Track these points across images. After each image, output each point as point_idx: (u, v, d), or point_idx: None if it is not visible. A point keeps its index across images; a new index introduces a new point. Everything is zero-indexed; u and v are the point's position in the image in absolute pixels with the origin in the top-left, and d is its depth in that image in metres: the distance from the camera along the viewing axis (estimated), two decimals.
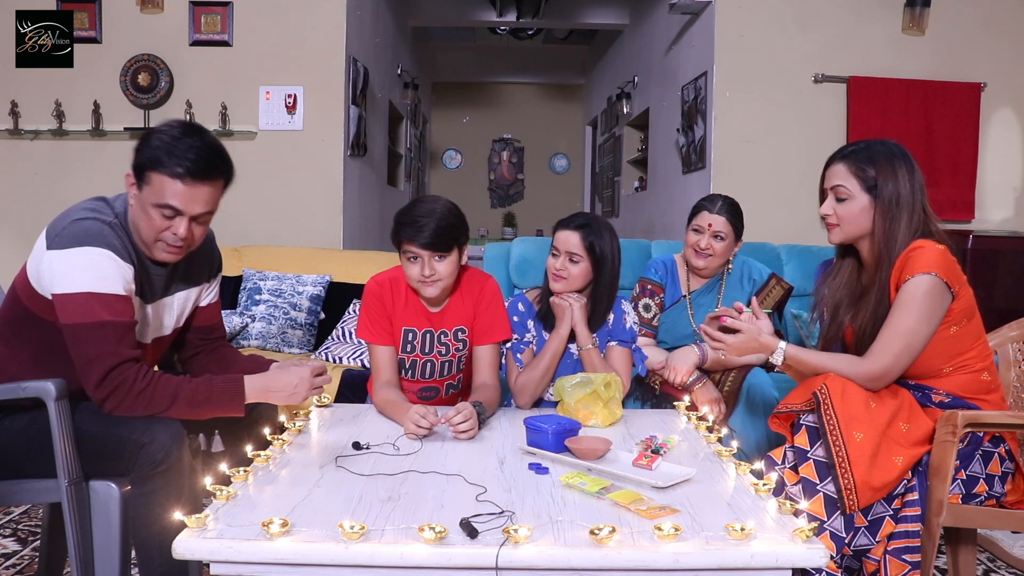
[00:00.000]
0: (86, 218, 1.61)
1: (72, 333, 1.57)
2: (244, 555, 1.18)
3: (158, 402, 1.60)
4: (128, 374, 1.57)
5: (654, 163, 5.71)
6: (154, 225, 1.62)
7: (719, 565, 1.19)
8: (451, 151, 10.31)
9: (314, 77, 4.12)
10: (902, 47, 4.15)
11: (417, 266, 1.97)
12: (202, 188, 1.62)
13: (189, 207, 1.61)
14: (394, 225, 1.99)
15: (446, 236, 1.95)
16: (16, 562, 2.25)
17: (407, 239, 1.95)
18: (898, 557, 1.64)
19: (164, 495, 1.55)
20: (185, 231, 1.63)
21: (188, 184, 1.59)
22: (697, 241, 2.49)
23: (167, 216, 1.61)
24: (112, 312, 1.57)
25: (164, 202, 1.60)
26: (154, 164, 1.59)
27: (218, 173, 1.65)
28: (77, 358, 1.58)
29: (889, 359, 1.71)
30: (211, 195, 1.65)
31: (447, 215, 1.96)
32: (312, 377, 1.73)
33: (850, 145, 1.86)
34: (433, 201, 1.99)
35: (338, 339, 3.27)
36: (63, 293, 1.57)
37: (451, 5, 7.15)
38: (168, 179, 1.58)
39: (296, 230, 4.12)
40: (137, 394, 1.57)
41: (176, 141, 1.59)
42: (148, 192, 1.61)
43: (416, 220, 1.94)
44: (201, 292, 1.92)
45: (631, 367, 2.25)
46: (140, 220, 1.64)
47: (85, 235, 1.58)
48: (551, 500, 1.38)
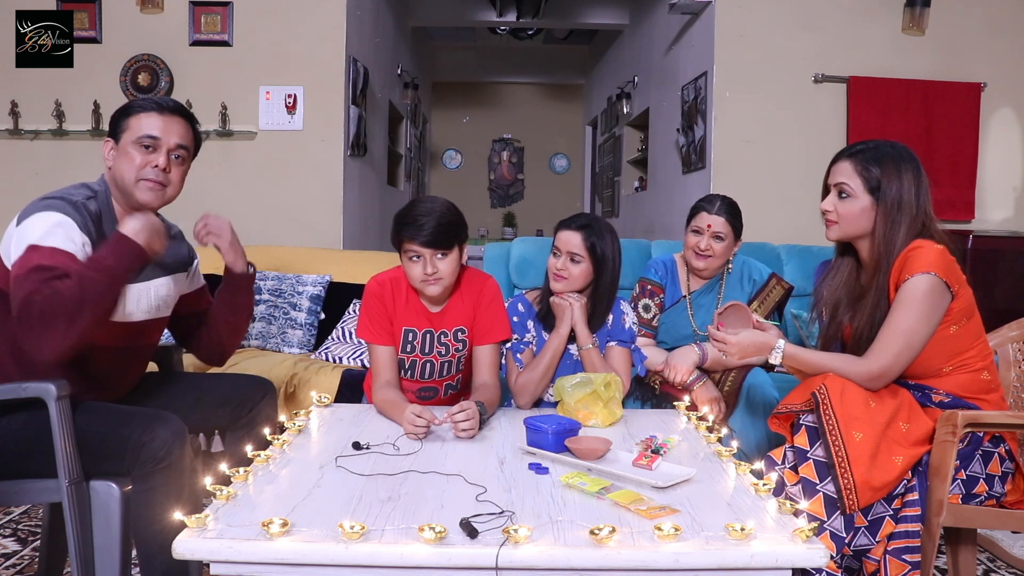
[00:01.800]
0: (54, 197, 1.67)
1: (12, 284, 1.57)
2: (244, 555, 1.18)
3: (67, 301, 1.52)
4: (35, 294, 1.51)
5: (654, 163, 5.71)
6: (135, 163, 1.73)
7: (719, 565, 1.19)
8: (451, 151, 10.31)
9: (314, 77, 4.12)
10: (902, 47, 4.15)
11: (419, 265, 1.97)
12: (176, 120, 1.77)
13: (166, 136, 1.75)
14: (394, 226, 2.00)
15: (447, 233, 1.96)
16: (16, 562, 2.25)
17: (408, 238, 1.96)
18: (898, 557, 1.64)
19: (165, 493, 1.55)
20: (164, 161, 1.74)
21: (163, 115, 1.76)
22: (697, 242, 2.49)
23: (147, 149, 1.74)
24: (51, 260, 1.57)
25: (143, 133, 1.73)
26: (130, 110, 1.77)
27: (187, 114, 1.82)
28: (12, 306, 1.56)
29: (888, 358, 1.71)
30: (184, 130, 1.79)
31: (447, 213, 1.98)
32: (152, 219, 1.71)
33: (859, 144, 1.85)
34: (431, 201, 2.01)
35: (338, 339, 3.27)
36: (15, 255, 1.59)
37: (451, 5, 7.15)
38: (144, 115, 1.75)
39: (296, 230, 4.12)
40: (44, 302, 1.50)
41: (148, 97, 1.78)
42: (127, 136, 1.74)
43: (416, 219, 1.95)
44: (178, 281, 1.92)
45: (631, 367, 2.25)
46: (121, 167, 1.74)
47: (45, 206, 1.64)
48: (551, 500, 1.38)
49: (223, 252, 1.90)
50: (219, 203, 4.00)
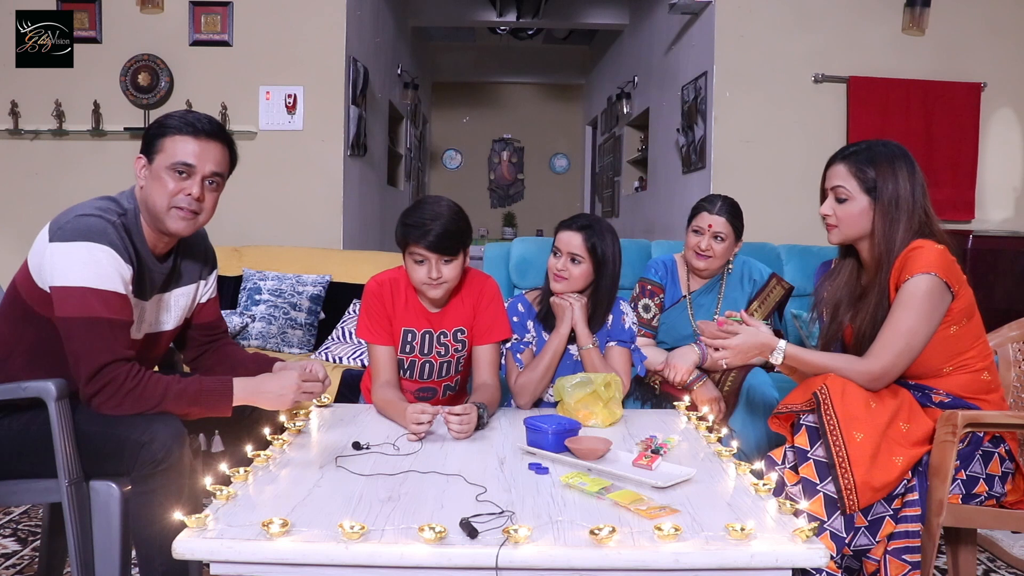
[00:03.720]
0: (91, 215, 1.62)
1: (67, 327, 1.58)
2: (244, 555, 1.18)
3: (147, 400, 1.59)
4: (119, 372, 1.57)
5: (654, 163, 5.71)
6: (168, 190, 1.67)
7: (719, 565, 1.19)
8: (451, 151, 10.31)
9: (314, 77, 4.12)
10: (902, 47, 4.15)
11: (424, 268, 1.97)
12: (213, 145, 1.71)
13: (201, 163, 1.69)
14: (400, 227, 1.98)
15: (453, 239, 1.95)
16: (16, 562, 2.25)
17: (414, 241, 1.95)
18: (898, 557, 1.64)
19: (165, 494, 1.55)
20: (199, 191, 1.69)
21: (200, 140, 1.69)
22: (698, 243, 2.49)
23: (180, 175, 1.68)
24: (108, 309, 1.58)
25: (178, 160, 1.67)
26: (167, 130, 1.69)
27: (225, 137, 1.75)
28: (70, 353, 1.59)
29: (889, 359, 1.71)
30: (221, 155, 1.73)
31: (454, 218, 1.96)
32: (300, 382, 1.71)
33: (851, 146, 1.86)
34: (438, 203, 1.98)
35: (338, 339, 3.27)
36: (61, 286, 1.58)
37: (451, 5, 7.15)
38: (180, 138, 1.68)
39: (296, 230, 4.12)
40: (127, 393, 1.57)
41: (186, 114, 1.72)
42: (161, 159, 1.68)
43: (423, 223, 1.93)
44: (199, 289, 1.92)
45: (631, 367, 2.25)
46: (153, 192, 1.68)
47: (88, 231, 1.60)
48: (551, 500, 1.38)
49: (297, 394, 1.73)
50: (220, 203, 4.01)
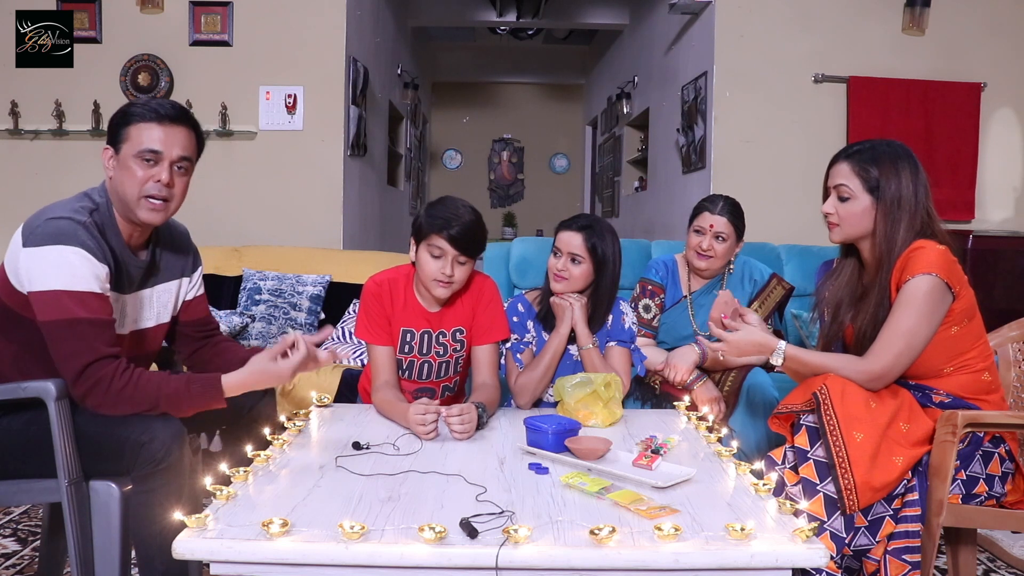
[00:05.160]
0: (60, 217, 1.62)
1: (49, 331, 1.58)
2: (244, 555, 1.18)
3: (141, 398, 1.59)
4: (106, 371, 1.57)
5: (654, 163, 5.71)
6: (137, 178, 1.67)
7: (719, 565, 1.19)
8: (451, 151, 10.31)
9: (314, 77, 4.12)
10: (902, 47, 4.15)
11: (439, 263, 1.96)
12: (178, 130, 1.70)
13: (168, 148, 1.68)
14: (425, 217, 1.97)
15: (474, 241, 1.96)
16: (16, 562, 2.25)
17: (437, 231, 1.93)
18: (898, 557, 1.64)
19: (164, 494, 1.55)
20: (167, 176, 1.68)
21: (165, 126, 1.68)
22: (699, 243, 2.49)
23: (148, 162, 1.67)
24: (87, 309, 1.58)
25: (144, 147, 1.66)
26: (131, 118, 1.69)
27: (190, 120, 1.74)
28: (55, 356, 1.59)
29: (889, 359, 1.70)
30: (187, 140, 1.72)
31: (478, 221, 1.99)
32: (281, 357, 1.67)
33: (855, 144, 1.86)
34: (464, 204, 2.00)
35: (338, 339, 3.27)
36: (38, 291, 1.58)
37: (451, 5, 7.15)
38: (145, 125, 1.68)
39: (296, 230, 4.12)
40: (118, 391, 1.57)
41: (149, 101, 1.73)
42: (127, 147, 1.67)
43: (451, 216, 1.93)
44: (182, 286, 1.92)
45: (631, 367, 2.25)
46: (122, 181, 1.68)
47: (58, 234, 1.59)
48: (551, 500, 1.38)
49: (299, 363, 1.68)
50: (219, 203, 4.02)
